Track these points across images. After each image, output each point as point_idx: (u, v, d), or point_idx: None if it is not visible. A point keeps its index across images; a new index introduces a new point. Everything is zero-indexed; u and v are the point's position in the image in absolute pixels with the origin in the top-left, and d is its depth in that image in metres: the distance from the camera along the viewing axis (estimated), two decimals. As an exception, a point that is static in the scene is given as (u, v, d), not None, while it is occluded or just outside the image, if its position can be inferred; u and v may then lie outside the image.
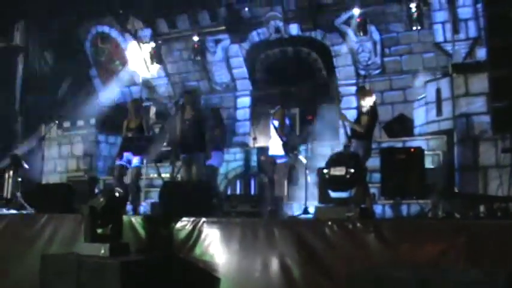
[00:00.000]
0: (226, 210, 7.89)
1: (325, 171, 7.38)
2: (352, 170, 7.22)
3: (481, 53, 11.74)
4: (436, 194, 9.42)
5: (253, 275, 6.24)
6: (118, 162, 10.42)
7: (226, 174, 14.67)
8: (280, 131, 9.71)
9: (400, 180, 9.51)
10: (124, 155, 10.18)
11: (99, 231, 6.73)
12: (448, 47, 14.06)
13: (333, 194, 8.01)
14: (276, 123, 9.82)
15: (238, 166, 14.63)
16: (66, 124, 16.97)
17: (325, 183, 7.53)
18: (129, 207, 9.96)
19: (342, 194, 7.93)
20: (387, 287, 4.55)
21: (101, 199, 6.81)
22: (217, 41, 17.52)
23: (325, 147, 13.03)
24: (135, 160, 10.14)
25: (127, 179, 10.46)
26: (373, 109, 9.38)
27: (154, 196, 12.17)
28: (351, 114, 10.23)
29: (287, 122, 9.90)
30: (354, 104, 11.79)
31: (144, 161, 10.62)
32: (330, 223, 5.91)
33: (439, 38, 14.44)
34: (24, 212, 9.90)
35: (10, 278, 7.91)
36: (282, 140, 9.67)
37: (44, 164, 16.80)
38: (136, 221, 7.30)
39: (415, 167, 9.63)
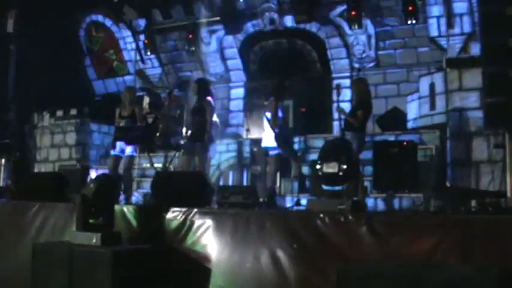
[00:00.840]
0: (218, 201, 7.89)
1: (317, 167, 7.37)
2: (345, 167, 7.22)
3: (475, 48, 11.76)
4: (428, 188, 9.46)
5: (244, 265, 6.25)
6: (112, 152, 10.43)
7: (219, 165, 14.68)
8: (272, 122, 9.70)
9: (392, 174, 9.53)
10: (117, 145, 10.19)
11: (91, 220, 6.72)
12: (443, 42, 14.08)
13: (326, 187, 8.03)
14: (269, 115, 9.81)
15: (231, 157, 14.64)
16: (59, 113, 16.94)
17: (318, 177, 7.53)
18: (121, 196, 9.96)
19: (334, 187, 7.94)
20: (378, 282, 4.56)
21: (91, 185, 6.81)
22: (211, 32, 17.51)
23: (318, 139, 13.07)
24: (128, 149, 10.15)
25: (120, 169, 10.47)
26: (368, 102, 9.41)
27: (147, 186, 12.16)
28: (345, 107, 10.22)
29: (280, 114, 9.88)
30: (348, 97, 11.81)
31: (137, 151, 10.61)
32: (321, 215, 5.91)
33: (434, 32, 14.46)
34: (15, 200, 9.87)
35: (1, 267, 7.90)
36: (274, 131, 9.66)
37: (36, 153, 16.81)
38: (128, 210, 7.29)
39: (407, 160, 9.65)
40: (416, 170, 9.85)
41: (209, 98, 10.35)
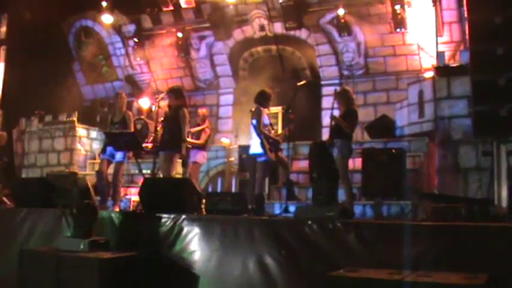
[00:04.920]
0: (207, 207, 7.87)
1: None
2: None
3: (464, 56, 11.81)
4: (417, 195, 9.48)
5: (232, 272, 6.24)
6: (101, 156, 10.40)
7: (208, 171, 14.66)
8: (258, 129, 9.70)
9: (381, 181, 9.56)
10: (107, 149, 10.16)
11: (79, 226, 6.70)
12: (432, 50, 14.11)
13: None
14: (255, 121, 9.82)
15: (220, 164, 14.63)
16: (48, 118, 16.89)
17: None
18: (109, 202, 9.93)
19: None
20: None
21: (74, 189, 6.81)
22: (201, 38, 17.51)
23: (307, 146, 13.06)
24: (118, 155, 10.11)
25: (109, 174, 10.44)
26: (355, 111, 9.46)
27: (135, 192, 12.13)
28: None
29: (265, 120, 9.88)
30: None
31: (126, 157, 10.56)
32: (310, 222, 5.92)
33: (423, 40, 14.51)
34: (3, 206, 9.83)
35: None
36: (259, 138, 9.67)
37: (24, 158, 16.74)
38: (116, 217, 7.27)
39: (396, 168, 9.68)
40: (405, 177, 9.89)
41: (184, 109, 10.36)
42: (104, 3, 16.86)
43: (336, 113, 9.52)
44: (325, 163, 8.49)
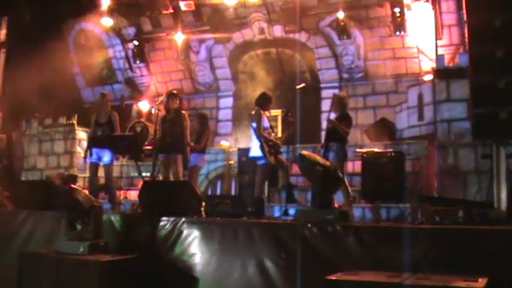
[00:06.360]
0: (206, 210, 7.87)
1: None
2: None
3: (463, 59, 11.82)
4: (416, 198, 9.48)
5: (232, 275, 6.24)
6: (89, 160, 10.34)
7: (207, 174, 14.66)
8: (258, 132, 9.71)
9: (380, 184, 9.58)
10: (94, 152, 10.09)
11: (79, 228, 6.70)
12: (431, 52, 14.12)
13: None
14: (255, 124, 9.82)
15: (219, 167, 14.61)
16: (48, 121, 16.89)
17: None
18: (108, 205, 9.93)
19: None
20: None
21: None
22: (201, 41, 17.51)
23: (308, 149, 13.05)
24: (106, 157, 10.06)
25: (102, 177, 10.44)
26: (349, 116, 9.56)
27: (135, 195, 12.13)
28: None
29: (265, 123, 9.89)
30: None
31: (115, 158, 10.51)
32: (309, 225, 5.92)
33: (422, 43, 14.52)
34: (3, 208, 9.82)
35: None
36: (259, 141, 9.67)
37: (24, 161, 16.74)
38: (116, 219, 7.27)
39: (395, 171, 9.71)
40: (404, 180, 9.91)
41: (184, 112, 10.42)
42: (104, 6, 16.82)
43: (332, 116, 9.59)
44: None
